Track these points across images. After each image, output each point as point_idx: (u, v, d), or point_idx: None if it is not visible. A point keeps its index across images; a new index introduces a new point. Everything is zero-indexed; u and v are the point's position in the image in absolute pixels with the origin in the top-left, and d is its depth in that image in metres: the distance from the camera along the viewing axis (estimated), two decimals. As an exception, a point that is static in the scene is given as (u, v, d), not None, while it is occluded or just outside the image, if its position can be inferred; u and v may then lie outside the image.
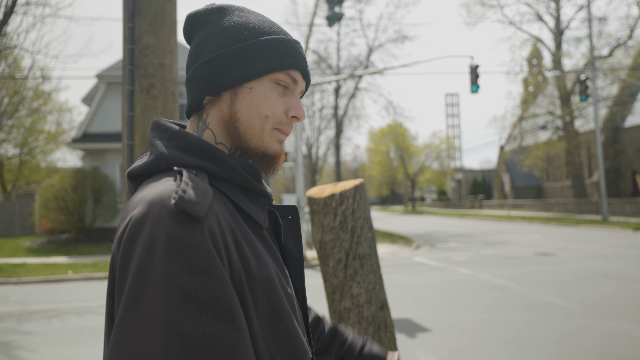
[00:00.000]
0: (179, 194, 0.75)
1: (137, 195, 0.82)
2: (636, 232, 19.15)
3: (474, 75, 17.56)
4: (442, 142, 52.68)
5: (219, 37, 0.95)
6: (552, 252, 13.88)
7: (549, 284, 8.94)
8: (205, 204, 0.77)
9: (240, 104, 0.93)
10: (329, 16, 13.47)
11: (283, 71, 0.95)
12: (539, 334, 5.88)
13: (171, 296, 0.69)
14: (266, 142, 0.95)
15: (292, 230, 1.04)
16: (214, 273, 0.73)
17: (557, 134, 34.02)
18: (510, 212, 36.64)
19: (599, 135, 25.17)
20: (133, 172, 0.91)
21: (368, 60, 35.23)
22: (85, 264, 13.54)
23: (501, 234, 20.92)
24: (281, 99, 0.95)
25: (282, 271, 0.92)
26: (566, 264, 11.35)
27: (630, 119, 35.40)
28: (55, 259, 15.17)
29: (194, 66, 0.96)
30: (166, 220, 0.74)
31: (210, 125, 0.95)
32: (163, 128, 0.92)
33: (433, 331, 6.17)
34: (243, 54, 0.93)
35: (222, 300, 0.73)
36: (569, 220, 26.70)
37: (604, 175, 27.13)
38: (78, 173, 18.84)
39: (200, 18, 0.99)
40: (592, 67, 25.11)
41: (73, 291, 10.21)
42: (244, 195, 0.91)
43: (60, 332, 6.80)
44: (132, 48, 2.89)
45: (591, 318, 6.51)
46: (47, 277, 11.69)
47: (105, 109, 20.15)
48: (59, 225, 18.44)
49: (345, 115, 36.98)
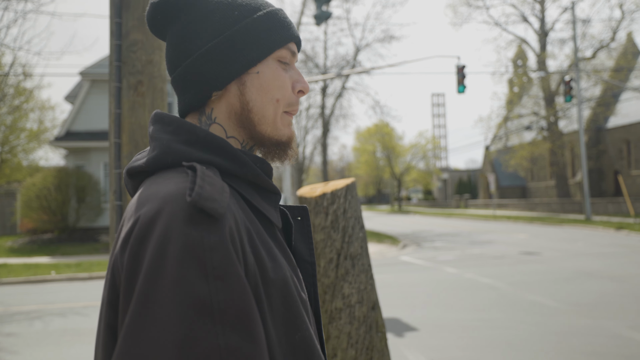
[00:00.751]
0: (196, 190, 0.68)
1: (143, 193, 0.75)
2: (618, 232, 19.42)
3: (460, 75, 17.66)
4: (428, 142, 52.97)
5: (208, 22, 0.85)
6: (537, 251, 14.00)
7: (535, 283, 9.00)
8: (224, 201, 0.70)
9: (251, 93, 0.86)
10: (317, 15, 13.44)
11: (283, 47, 0.89)
12: (526, 332, 5.91)
13: (184, 305, 0.63)
14: (279, 128, 0.90)
15: (303, 232, 0.98)
16: (231, 279, 0.66)
17: (542, 135, 34.36)
18: (496, 212, 36.93)
19: (582, 135, 25.48)
20: (134, 169, 0.83)
21: (355, 60, 35.26)
22: (68, 264, 13.36)
23: (487, 234, 21.06)
24: (287, 75, 0.90)
25: (297, 275, 0.86)
26: (551, 263, 11.45)
27: (612, 120, 35.90)
28: (37, 259, 14.97)
29: (187, 61, 0.86)
30: (180, 219, 0.67)
31: (218, 120, 0.88)
32: (167, 120, 0.83)
33: (421, 330, 6.17)
34: (242, 37, 0.85)
35: (240, 309, 0.66)
36: (553, 219, 27.00)
37: (587, 175, 27.48)
38: (61, 172, 18.60)
39: (174, 5, 0.87)
40: (576, 69, 25.41)
41: (56, 292, 10.06)
42: (256, 193, 0.85)
43: (43, 334, 6.69)
44: (120, 44, 2.83)
45: (577, 317, 6.56)
46: (29, 278, 11.51)
47: (89, 106, 19.91)
48: (41, 224, 18.20)
49: (332, 115, 36.98)
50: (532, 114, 33.98)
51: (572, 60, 28.58)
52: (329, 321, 2.72)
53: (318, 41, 38.61)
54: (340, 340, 2.87)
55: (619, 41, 32.58)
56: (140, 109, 2.91)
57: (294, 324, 0.77)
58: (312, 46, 36.29)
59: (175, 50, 0.87)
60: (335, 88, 36.56)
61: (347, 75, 29.09)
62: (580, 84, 25.83)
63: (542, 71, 32.72)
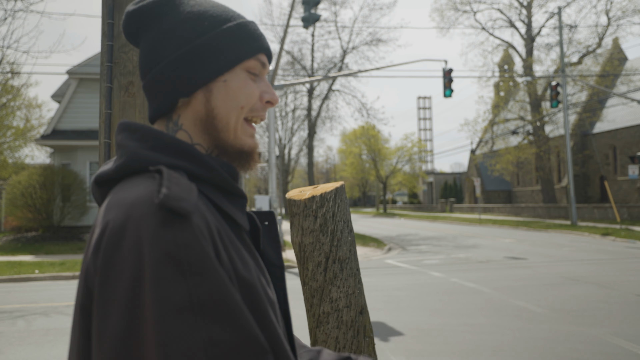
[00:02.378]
0: (163, 192, 0.69)
1: (111, 200, 0.75)
2: (604, 238, 19.61)
3: (447, 79, 17.77)
4: (414, 145, 53.14)
5: (178, 31, 0.88)
6: (522, 256, 14.12)
7: (520, 288, 9.07)
8: (192, 200, 0.72)
9: (217, 100, 0.88)
10: (305, 17, 13.47)
11: (253, 57, 0.91)
12: (511, 338, 5.96)
13: (164, 305, 0.64)
14: (240, 137, 0.91)
15: (271, 236, 1.01)
16: (208, 272, 0.67)
17: (528, 139, 34.62)
18: (481, 216, 37.16)
19: (568, 140, 25.71)
20: (102, 177, 0.83)
21: (342, 62, 35.32)
22: (52, 262, 13.24)
23: (472, 238, 21.19)
24: (254, 85, 0.92)
25: (265, 276, 0.88)
26: (537, 269, 11.55)
27: (598, 126, 36.29)
28: (21, 257, 14.81)
29: (156, 68, 0.88)
30: (151, 221, 0.68)
31: (184, 126, 0.90)
32: (133, 128, 0.84)
33: (406, 335, 6.19)
34: (211, 47, 0.88)
35: (220, 301, 0.67)
36: (538, 224, 27.21)
37: (573, 180, 27.77)
38: (47, 170, 18.46)
39: (148, 13, 0.90)
40: (562, 74, 25.64)
41: (39, 291, 9.97)
42: (224, 197, 0.86)
43: (26, 333, 6.63)
44: (111, 44, 2.82)
45: (562, 323, 6.62)
46: (12, 276, 11.41)
47: (76, 105, 19.77)
48: (26, 223, 18.05)
49: (318, 117, 37.00)
50: (519, 118, 34.23)
51: (559, 65, 28.86)
52: (316, 325, 2.73)
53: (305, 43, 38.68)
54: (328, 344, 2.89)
55: (605, 47, 33.02)
56: (131, 109, 2.89)
57: (262, 323, 0.78)
58: (300, 48, 36.28)
59: (147, 57, 0.90)
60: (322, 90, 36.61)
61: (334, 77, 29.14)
62: (566, 90, 26.07)
63: (528, 76, 32.98)
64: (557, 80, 25.34)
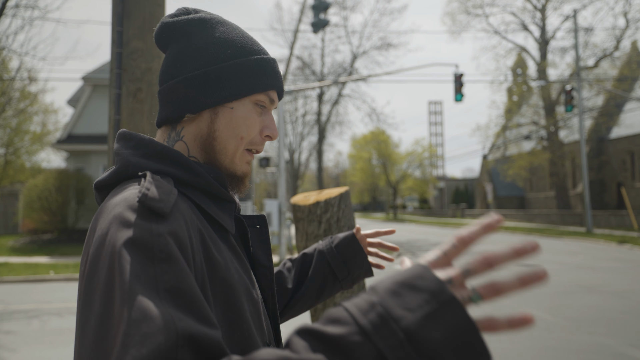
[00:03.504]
0: (142, 192, 0.76)
1: (103, 203, 0.82)
2: (621, 245, 19.23)
3: (458, 83, 17.69)
4: (425, 150, 52.91)
5: (202, 53, 0.95)
6: (535, 263, 13.99)
7: (531, 297, 8.99)
8: (170, 201, 0.78)
9: (220, 123, 0.95)
10: (314, 23, 13.53)
11: (263, 92, 0.98)
12: (521, 347, 5.90)
13: (133, 283, 0.66)
14: (236, 164, 0.98)
15: (261, 239, 1.06)
16: (175, 263, 0.71)
17: (541, 144, 34.26)
18: (494, 222, 36.69)
19: (583, 146, 25.32)
20: (100, 183, 0.91)
21: (352, 67, 35.36)
22: (66, 264, 13.45)
23: (483, 244, 21.04)
24: (258, 118, 0.98)
25: (249, 277, 0.93)
26: (550, 276, 11.42)
27: (616, 131, 35.74)
28: (37, 258, 15.03)
29: (174, 80, 0.96)
30: (130, 216, 0.74)
31: (185, 139, 0.96)
32: (128, 137, 0.92)
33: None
34: (227, 74, 0.94)
35: (182, 291, 0.69)
36: (552, 231, 26.87)
37: (589, 186, 27.34)
38: (62, 174, 18.73)
39: (180, 28, 0.98)
40: (577, 78, 25.30)
41: (54, 291, 10.12)
42: (210, 201, 0.92)
43: (40, 333, 6.76)
44: (120, 52, 2.87)
45: (575, 332, 6.52)
46: (28, 277, 11.63)
47: (90, 110, 20.06)
48: (42, 225, 18.32)
49: (328, 122, 37.06)
50: (532, 123, 33.87)
51: (574, 69, 28.54)
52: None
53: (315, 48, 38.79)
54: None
55: (623, 50, 32.41)
56: (139, 115, 2.94)
57: (234, 323, 0.82)
58: (310, 53, 36.42)
59: (168, 67, 0.97)
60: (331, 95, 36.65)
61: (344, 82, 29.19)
62: (581, 94, 25.72)
63: (542, 80, 32.69)
64: (572, 84, 25.07)
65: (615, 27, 30.86)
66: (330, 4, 13.89)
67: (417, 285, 0.56)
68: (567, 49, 32.95)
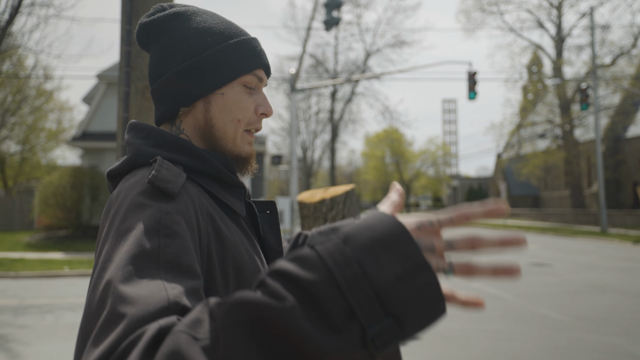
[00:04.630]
0: (152, 174, 0.80)
1: (117, 188, 0.87)
2: (636, 245, 18.98)
3: (471, 81, 17.59)
4: (439, 149, 52.72)
5: (183, 46, 0.97)
6: (547, 262, 13.88)
7: (543, 295, 8.93)
8: (178, 183, 0.82)
9: (214, 111, 0.98)
10: (327, 20, 13.53)
11: (250, 73, 0.99)
12: (532, 346, 5.87)
13: (137, 249, 0.70)
14: (238, 145, 1.00)
15: (271, 224, 1.09)
16: (179, 239, 0.74)
17: (556, 143, 33.94)
18: (506, 221, 36.62)
19: (599, 145, 25.01)
20: (112, 171, 0.94)
21: (365, 65, 35.26)
22: (81, 260, 13.63)
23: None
24: (250, 99, 1.00)
25: (260, 258, 0.96)
26: (562, 275, 11.35)
27: (632, 129, 35.29)
28: (52, 254, 15.22)
29: (162, 77, 0.98)
30: (140, 195, 0.79)
31: (185, 131, 0.99)
32: (138, 128, 0.96)
33: (423, 339, 6.15)
34: (211, 62, 0.96)
35: (181, 265, 0.72)
36: (566, 230, 26.63)
37: (604, 185, 26.96)
38: (77, 171, 18.93)
39: (158, 26, 1.00)
40: (593, 76, 24.98)
41: (68, 287, 10.26)
42: (220, 187, 0.95)
43: (54, 327, 6.87)
44: (129, 50, 2.90)
45: (586, 332, 6.47)
46: (43, 272, 11.81)
47: (105, 108, 20.24)
48: (56, 221, 18.53)
49: (341, 120, 37.01)
50: (547, 121, 33.57)
51: (590, 67, 28.19)
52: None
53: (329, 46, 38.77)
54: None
55: (641, 48, 32.04)
56: (147, 112, 2.97)
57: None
58: (323, 51, 36.44)
59: (154, 67, 1.00)
60: (344, 93, 36.58)
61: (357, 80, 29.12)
62: (598, 92, 25.42)
63: (557, 78, 32.33)
64: (588, 82, 24.76)
65: (633, 25, 30.45)
66: (343, 2, 13.88)
67: (393, 247, 0.58)
68: (583, 46, 32.61)
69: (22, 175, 33.64)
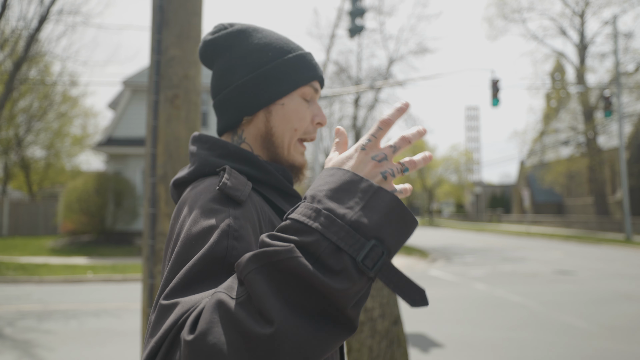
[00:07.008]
0: (222, 181, 0.86)
1: (185, 195, 0.93)
2: (659, 253, 18.71)
3: (494, 89, 17.48)
4: (461, 155, 52.35)
5: (246, 60, 1.04)
6: (572, 270, 13.68)
7: (568, 304, 8.81)
8: (245, 191, 0.88)
9: (274, 120, 1.04)
10: (350, 28, 13.58)
11: (307, 84, 1.06)
12: (556, 355, 5.80)
13: (207, 250, 0.76)
14: (292, 154, 1.07)
15: None
16: (245, 243, 0.79)
17: (580, 150, 33.54)
18: (530, 228, 36.19)
19: (623, 152, 24.72)
20: (179, 180, 1.00)
21: (388, 72, 35.19)
22: (104, 265, 13.73)
23: (519, 250, 20.66)
24: (307, 109, 1.07)
25: None
26: (586, 283, 11.18)
27: (657, 137, 34.66)
28: (75, 259, 15.40)
29: (227, 90, 1.05)
30: (211, 201, 0.85)
31: (247, 140, 1.06)
32: (204, 139, 1.02)
33: (447, 347, 6.13)
34: (273, 75, 1.03)
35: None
36: (590, 238, 26.24)
37: (628, 193, 26.54)
38: (101, 176, 19.13)
39: (222, 43, 1.07)
40: (617, 83, 24.72)
41: (92, 292, 10.36)
42: (280, 196, 1.01)
43: (78, 333, 6.92)
44: (159, 59, 2.97)
45: (612, 341, 6.38)
46: (67, 277, 11.90)
47: (130, 114, 20.47)
48: (80, 226, 18.71)
49: (364, 126, 36.91)
50: (570, 129, 33.20)
51: (613, 74, 27.88)
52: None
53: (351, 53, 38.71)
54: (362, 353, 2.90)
55: (664, 56, 31.56)
56: (176, 121, 3.03)
57: None
58: (346, 58, 36.32)
59: (218, 80, 1.07)
60: (367, 100, 36.50)
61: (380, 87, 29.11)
62: (621, 99, 25.13)
63: (581, 85, 31.97)
64: (611, 90, 24.48)
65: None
66: (366, 10, 13.93)
67: (349, 188, 0.68)
68: (606, 54, 32.20)
69: (47, 180, 34.18)
